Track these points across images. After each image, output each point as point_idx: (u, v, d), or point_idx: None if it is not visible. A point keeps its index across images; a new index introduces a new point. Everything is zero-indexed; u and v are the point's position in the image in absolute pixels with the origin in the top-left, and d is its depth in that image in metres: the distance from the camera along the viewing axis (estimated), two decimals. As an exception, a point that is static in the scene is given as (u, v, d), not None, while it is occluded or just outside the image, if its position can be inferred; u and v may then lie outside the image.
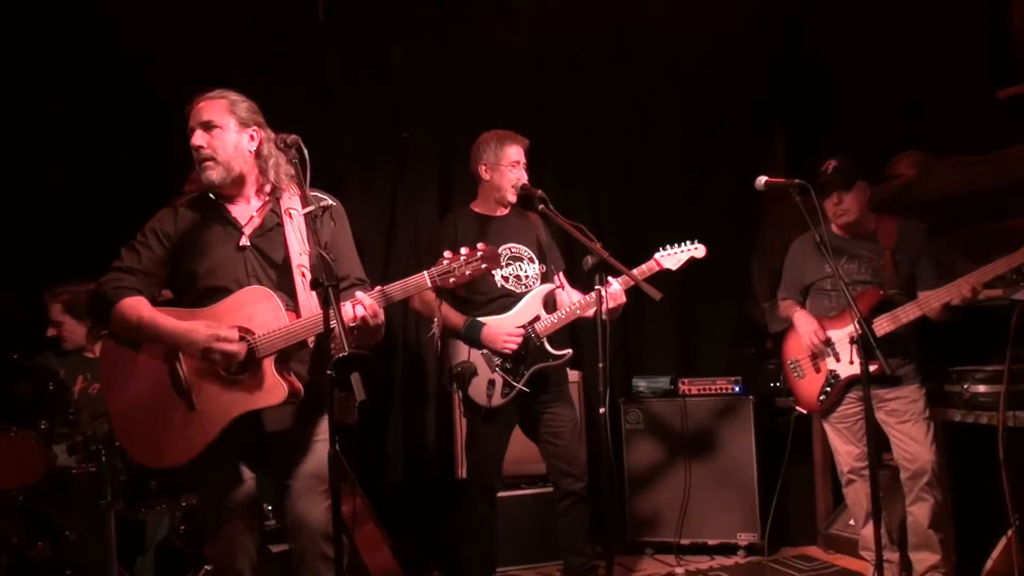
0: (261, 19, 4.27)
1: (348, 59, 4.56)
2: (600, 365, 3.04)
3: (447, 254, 2.53)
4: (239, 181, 2.64)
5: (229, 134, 2.60)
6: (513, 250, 3.65)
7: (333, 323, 2.24)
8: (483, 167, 3.63)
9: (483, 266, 2.52)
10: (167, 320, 2.49)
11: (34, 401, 3.37)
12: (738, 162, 4.80)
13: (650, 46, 5.05)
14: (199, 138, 2.59)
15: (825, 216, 3.51)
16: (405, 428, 4.71)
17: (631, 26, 4.95)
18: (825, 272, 3.66)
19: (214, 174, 2.58)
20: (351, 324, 2.43)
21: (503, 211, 3.70)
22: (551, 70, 5.05)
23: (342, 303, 2.43)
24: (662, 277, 3.54)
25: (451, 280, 2.51)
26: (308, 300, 2.51)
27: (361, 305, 2.46)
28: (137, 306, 2.51)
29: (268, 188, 2.67)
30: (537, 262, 3.67)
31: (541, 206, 3.37)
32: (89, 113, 4.04)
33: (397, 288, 2.54)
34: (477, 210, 3.71)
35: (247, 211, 2.67)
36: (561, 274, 3.72)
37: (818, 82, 4.96)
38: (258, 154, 2.64)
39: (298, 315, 2.50)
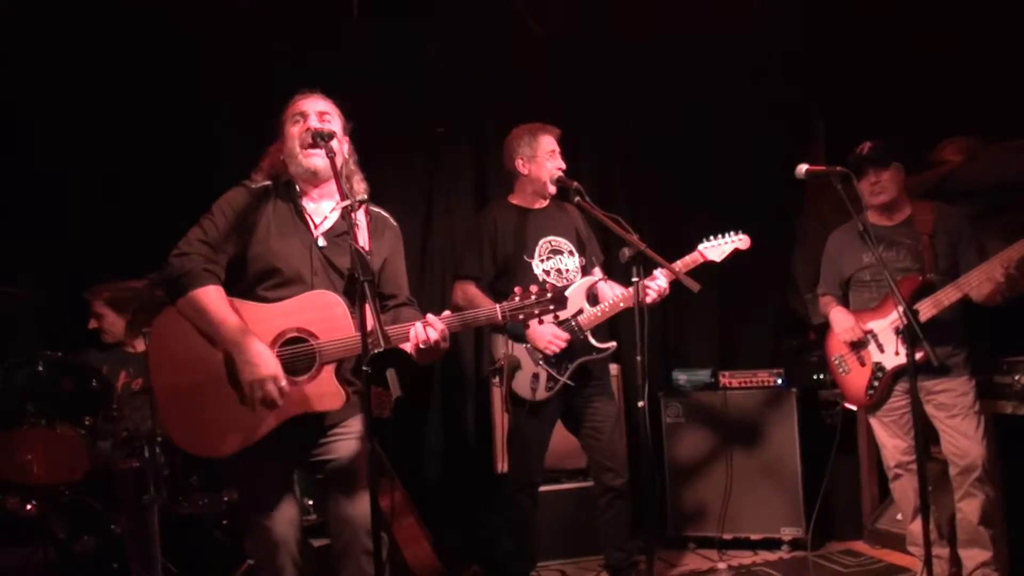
0: (296, 16, 4.29)
1: (381, 55, 4.57)
2: (638, 358, 3.00)
3: (517, 290, 2.59)
4: (326, 179, 2.66)
5: (337, 131, 2.67)
6: (553, 243, 3.62)
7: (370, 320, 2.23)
8: (520, 161, 3.61)
9: (551, 307, 2.58)
10: (247, 340, 2.42)
11: (78, 398, 3.41)
12: (778, 151, 4.71)
13: (687, 35, 4.98)
14: (316, 122, 2.64)
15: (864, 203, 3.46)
16: (444, 423, 4.73)
17: (667, 16, 4.87)
18: (863, 263, 3.59)
19: (320, 161, 2.59)
20: (423, 345, 2.48)
21: (542, 203, 3.68)
22: (586, 60, 5.01)
23: (409, 323, 2.51)
24: (702, 268, 3.52)
25: (520, 317, 2.60)
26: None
27: (433, 328, 2.50)
28: (217, 303, 2.47)
29: (341, 194, 2.63)
30: (577, 255, 3.65)
31: (577, 198, 3.33)
32: (129, 111, 4.09)
33: (469, 316, 2.61)
34: (515, 203, 3.69)
35: (320, 209, 2.70)
36: (599, 266, 3.68)
37: (859, 69, 4.85)
38: (345, 161, 2.70)
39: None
